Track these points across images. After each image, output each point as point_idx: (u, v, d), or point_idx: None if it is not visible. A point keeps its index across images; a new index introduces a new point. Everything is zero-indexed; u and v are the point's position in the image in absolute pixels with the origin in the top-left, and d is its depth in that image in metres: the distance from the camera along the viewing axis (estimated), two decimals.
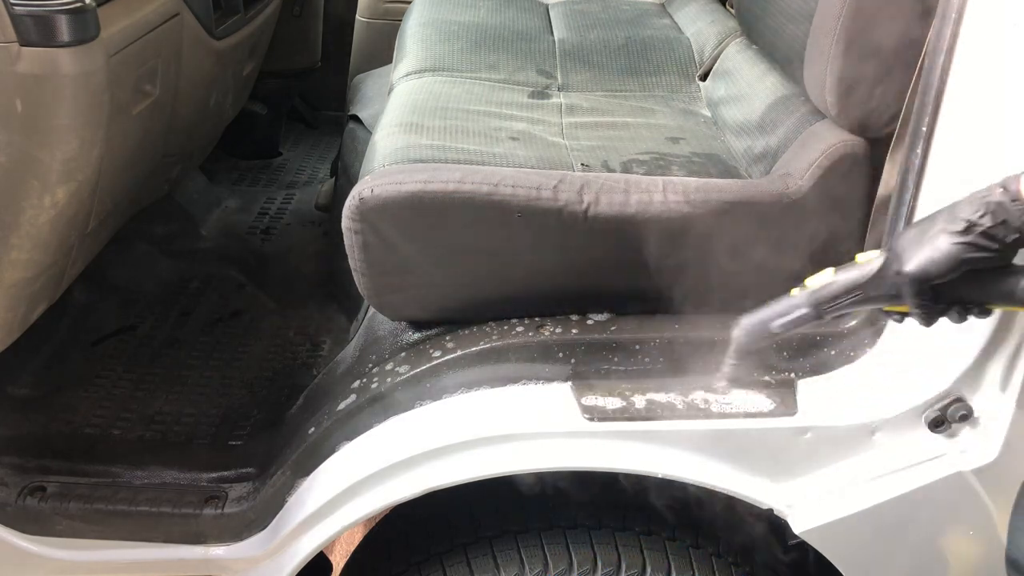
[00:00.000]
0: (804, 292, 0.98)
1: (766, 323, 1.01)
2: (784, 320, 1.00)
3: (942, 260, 0.84)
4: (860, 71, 1.14)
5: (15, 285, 1.26)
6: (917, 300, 0.88)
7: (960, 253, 0.83)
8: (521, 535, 1.22)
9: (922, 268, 0.85)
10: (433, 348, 1.21)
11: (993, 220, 0.81)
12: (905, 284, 0.87)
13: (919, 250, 0.86)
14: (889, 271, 0.90)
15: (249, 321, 1.83)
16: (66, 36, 1.08)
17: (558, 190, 1.14)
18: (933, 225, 0.86)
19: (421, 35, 1.84)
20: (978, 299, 0.88)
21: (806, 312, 0.98)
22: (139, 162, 1.50)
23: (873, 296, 0.93)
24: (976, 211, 0.82)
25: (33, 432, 1.49)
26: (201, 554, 1.32)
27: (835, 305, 0.96)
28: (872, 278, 0.92)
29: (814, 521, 1.13)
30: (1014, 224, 0.81)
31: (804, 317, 0.98)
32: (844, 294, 0.95)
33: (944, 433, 1.10)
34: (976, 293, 0.88)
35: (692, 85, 1.74)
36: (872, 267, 0.92)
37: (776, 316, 1.00)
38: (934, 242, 0.84)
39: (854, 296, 0.94)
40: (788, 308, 0.99)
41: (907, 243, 0.88)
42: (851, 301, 0.95)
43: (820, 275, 0.97)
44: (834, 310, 0.96)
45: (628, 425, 1.10)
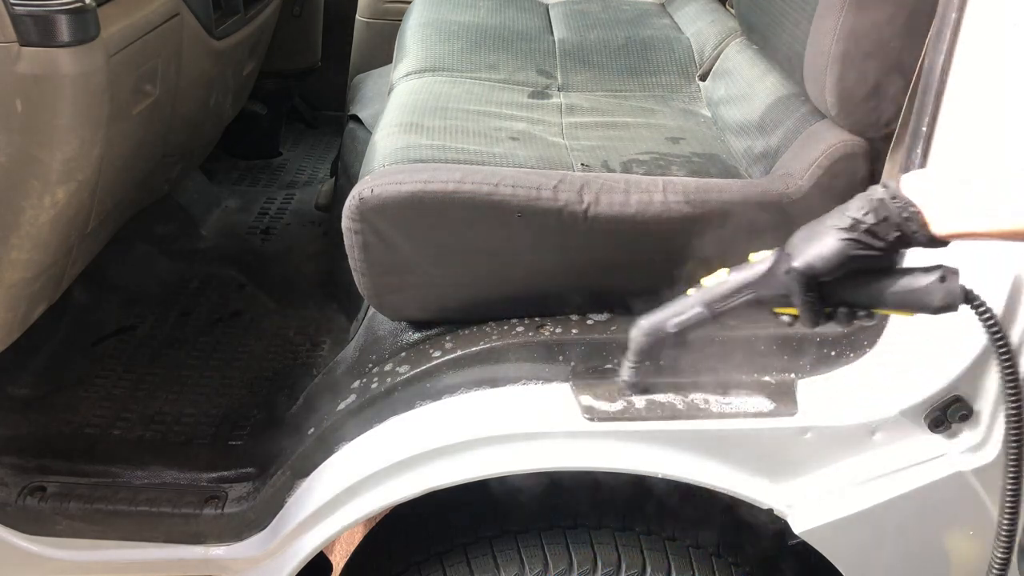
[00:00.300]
0: (699, 292, 0.99)
1: (663, 323, 1.01)
2: (679, 319, 1.00)
3: (829, 256, 0.86)
4: (860, 71, 1.14)
5: (15, 285, 1.26)
6: (803, 297, 0.89)
7: (846, 250, 0.85)
8: (521, 535, 1.22)
9: (809, 264, 0.87)
10: (433, 348, 1.21)
11: (876, 217, 0.83)
12: (793, 281, 0.88)
13: (808, 247, 0.87)
14: (779, 270, 0.91)
15: (249, 321, 1.83)
16: (66, 36, 1.08)
17: (558, 190, 1.14)
18: (823, 223, 0.88)
19: (421, 35, 1.84)
20: (863, 301, 0.90)
21: (700, 311, 0.98)
22: (139, 162, 1.50)
23: (764, 296, 0.94)
24: (861, 208, 0.84)
25: (33, 432, 1.49)
26: (201, 554, 1.32)
27: (727, 304, 0.96)
28: (763, 276, 0.93)
29: (814, 521, 1.13)
30: (894, 221, 0.83)
31: (698, 316, 0.98)
32: (735, 293, 0.95)
33: (944, 433, 1.10)
34: (861, 295, 0.89)
35: (692, 85, 1.74)
36: (763, 266, 0.93)
37: (672, 316, 1.01)
38: (822, 238, 0.86)
39: (746, 295, 0.95)
40: (683, 308, 1.00)
41: (798, 241, 0.90)
42: (743, 300, 0.95)
43: (715, 274, 0.98)
44: (727, 309, 0.96)
45: (628, 425, 1.10)
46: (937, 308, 0.87)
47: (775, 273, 0.91)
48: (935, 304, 0.87)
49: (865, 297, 0.89)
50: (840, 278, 0.87)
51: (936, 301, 0.86)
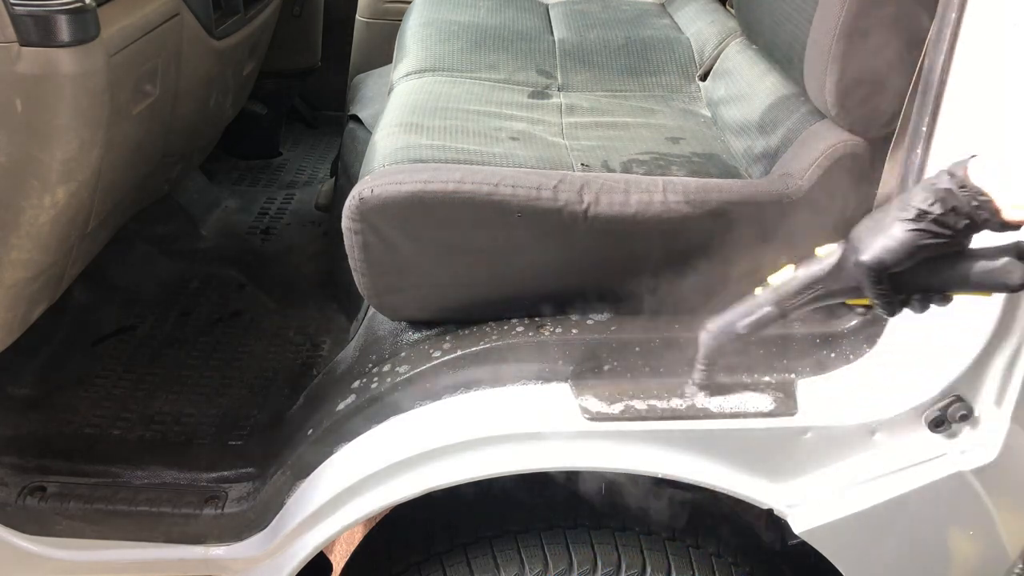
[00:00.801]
0: (767, 290, 0.98)
1: (732, 324, 1.01)
2: (749, 320, 1.00)
3: (897, 248, 0.85)
4: (860, 71, 1.14)
5: (15, 285, 1.26)
6: (876, 289, 0.88)
7: (914, 240, 0.84)
8: (521, 535, 1.22)
9: (878, 257, 0.86)
10: (433, 348, 1.21)
11: (943, 207, 0.82)
12: (863, 274, 0.88)
13: (875, 239, 0.87)
14: (848, 263, 0.90)
15: (249, 321, 1.83)
16: (66, 36, 1.08)
17: (558, 190, 1.14)
18: (888, 215, 0.87)
19: (421, 35, 1.84)
20: (937, 286, 0.89)
21: (770, 311, 0.98)
22: (139, 162, 1.50)
23: (834, 289, 0.93)
24: (926, 199, 0.83)
25: (33, 432, 1.49)
26: (201, 554, 1.32)
27: (798, 301, 0.96)
28: (831, 271, 0.92)
29: (814, 521, 1.13)
30: (963, 210, 0.82)
31: (769, 316, 0.98)
32: (805, 289, 0.95)
33: (944, 433, 1.10)
34: (934, 280, 0.88)
35: (692, 85, 1.74)
36: (831, 260, 0.92)
37: (741, 316, 1.00)
38: (889, 231, 0.86)
39: (816, 290, 0.94)
40: (752, 308, 0.99)
41: (863, 233, 0.89)
42: (813, 296, 0.95)
43: (782, 272, 0.97)
44: (797, 306, 0.96)
45: (628, 425, 1.10)
46: (1017, 286, 0.86)
47: (844, 267, 0.91)
48: (1016, 281, 0.86)
49: (939, 282, 0.88)
50: (911, 266, 0.86)
51: (1016, 279, 0.85)
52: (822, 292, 0.94)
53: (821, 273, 0.93)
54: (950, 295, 0.90)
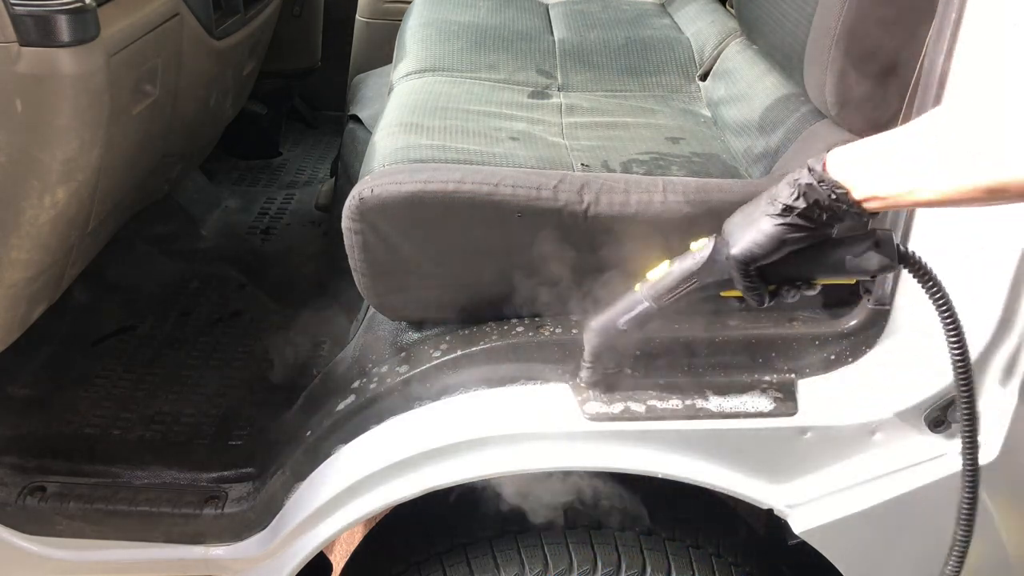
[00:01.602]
0: (644, 286, 1.00)
1: (613, 321, 1.03)
2: (629, 316, 1.01)
3: (765, 242, 0.88)
4: (860, 71, 1.14)
5: (15, 285, 1.26)
6: (745, 282, 0.91)
7: (781, 234, 0.87)
8: (521, 535, 1.22)
9: (747, 250, 0.89)
10: (433, 348, 1.20)
11: (806, 201, 0.85)
12: (732, 267, 0.90)
13: (744, 233, 0.89)
14: (720, 256, 0.93)
15: (249, 321, 1.83)
16: (66, 36, 1.08)
17: (558, 190, 1.14)
18: (756, 209, 0.89)
19: (421, 35, 1.84)
20: (803, 276, 0.91)
21: (648, 306, 0.99)
22: (139, 162, 1.50)
23: (708, 283, 0.95)
24: (791, 194, 0.86)
25: (33, 432, 1.49)
26: (201, 554, 1.32)
27: (673, 295, 0.97)
28: (704, 264, 0.94)
29: (814, 521, 1.13)
30: (824, 203, 0.84)
31: (647, 311, 1.00)
32: (681, 283, 0.96)
33: (944, 433, 1.10)
34: (801, 270, 0.91)
35: (692, 85, 1.74)
36: (704, 254, 0.94)
37: (622, 313, 1.02)
38: (757, 225, 0.88)
39: (691, 284, 0.96)
40: (632, 304, 1.01)
41: (733, 227, 0.91)
42: (687, 289, 0.96)
43: (658, 267, 0.99)
44: (672, 300, 0.98)
45: (628, 425, 1.10)
46: (875, 271, 0.89)
47: (715, 260, 0.93)
48: (873, 268, 0.89)
49: (805, 271, 0.91)
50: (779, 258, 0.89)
51: (873, 265, 0.89)
52: (696, 285, 0.96)
53: (695, 267, 0.95)
54: (816, 283, 0.93)
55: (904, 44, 1.11)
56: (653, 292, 0.99)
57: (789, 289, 0.92)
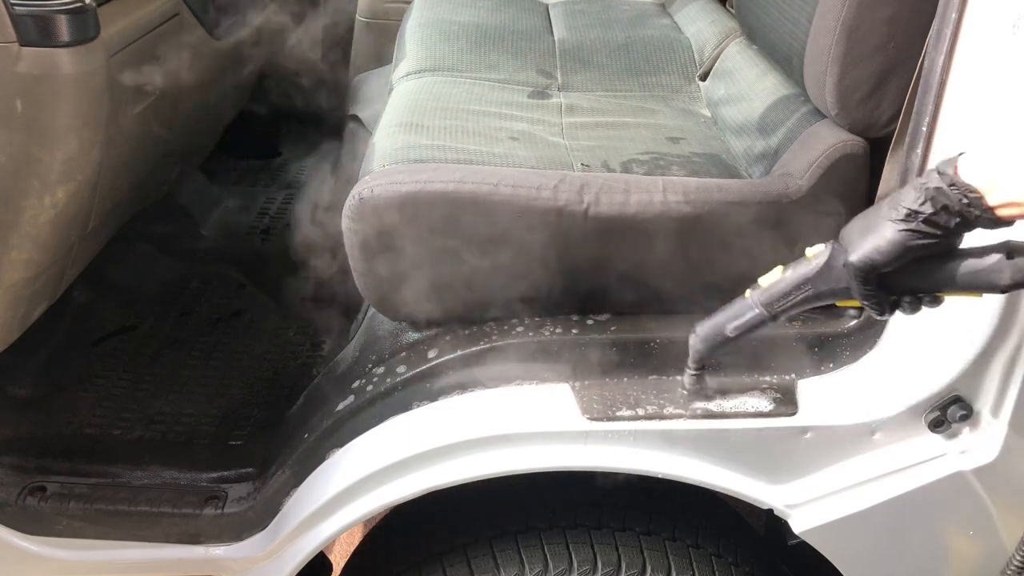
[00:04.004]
0: (756, 292, 0.97)
1: (721, 328, 1.00)
2: (738, 323, 0.98)
3: (887, 248, 0.84)
4: (860, 71, 1.14)
5: (15, 285, 1.26)
6: (864, 290, 0.87)
7: (905, 240, 0.83)
8: (521, 535, 1.22)
9: (867, 257, 0.85)
10: (433, 348, 1.21)
11: (934, 206, 0.81)
12: (852, 275, 0.87)
13: (864, 240, 0.85)
14: (837, 263, 0.89)
15: (249, 321, 1.83)
16: (66, 36, 1.08)
17: (558, 190, 1.14)
18: (878, 214, 0.85)
19: (421, 35, 1.84)
20: (927, 287, 0.87)
21: (758, 313, 0.97)
22: (139, 162, 1.51)
23: (824, 291, 0.92)
24: (917, 198, 0.82)
25: (33, 432, 1.49)
26: (201, 554, 1.32)
27: (787, 303, 0.94)
28: (820, 271, 0.91)
29: (814, 521, 1.13)
30: (954, 208, 0.80)
31: (757, 318, 0.97)
32: (794, 290, 0.93)
33: (944, 433, 1.10)
34: (924, 281, 0.87)
35: (692, 85, 1.74)
36: (820, 261, 0.91)
37: (731, 319, 0.99)
38: (879, 231, 0.84)
39: (805, 291, 0.93)
40: (742, 310, 0.98)
41: (853, 234, 0.87)
42: (802, 297, 0.93)
43: (771, 273, 0.96)
44: (786, 308, 0.95)
45: (628, 425, 1.10)
46: (1007, 286, 0.85)
47: (832, 267, 0.90)
48: (1004, 283, 0.84)
49: (929, 282, 0.87)
50: (902, 266, 0.85)
51: (1005, 279, 0.84)
52: (811, 293, 0.93)
53: (810, 274, 0.92)
54: (941, 296, 0.89)
55: (904, 44, 1.11)
56: (765, 298, 0.95)
57: (911, 301, 0.88)
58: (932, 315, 0.91)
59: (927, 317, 0.93)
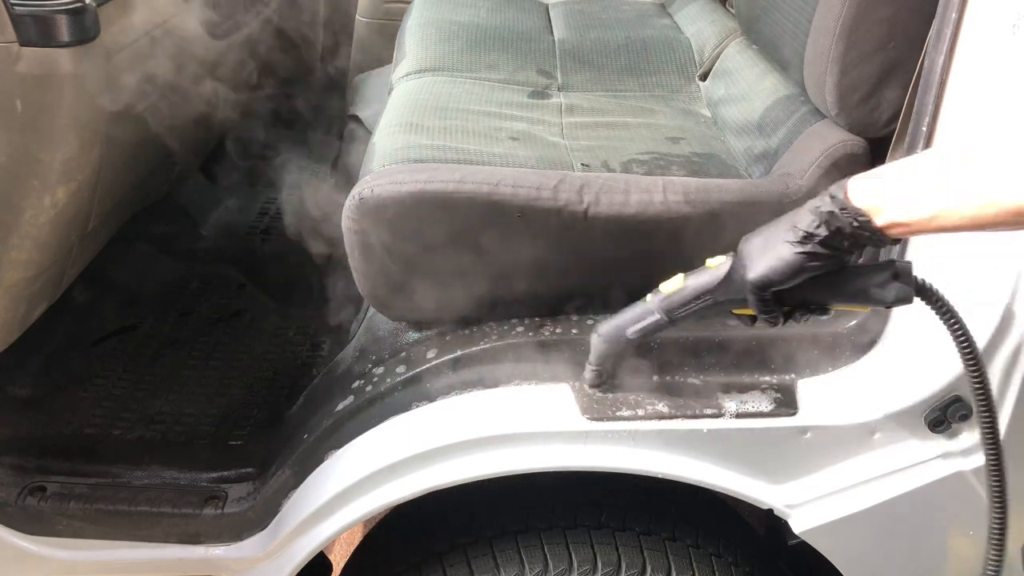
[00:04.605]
0: (656, 297, 1.00)
1: (622, 329, 1.03)
2: (639, 326, 1.01)
3: (783, 268, 0.87)
4: (860, 71, 1.14)
5: (15, 285, 1.26)
6: (760, 305, 0.91)
7: (800, 263, 0.86)
8: (521, 535, 1.22)
9: (764, 275, 0.88)
10: (433, 348, 1.21)
11: (828, 229, 0.84)
12: (748, 290, 0.90)
13: (762, 258, 0.89)
14: (736, 275, 0.92)
15: (249, 321, 1.83)
16: (66, 36, 1.08)
17: (558, 190, 1.14)
18: (776, 233, 0.89)
19: (421, 35, 1.84)
20: (819, 300, 0.91)
21: (658, 318, 0.99)
22: (139, 162, 1.51)
23: (721, 300, 0.95)
24: (812, 222, 0.85)
25: (33, 432, 1.48)
26: (201, 554, 1.32)
27: (686, 310, 0.97)
28: (720, 283, 0.94)
29: (814, 521, 1.13)
30: (846, 231, 0.83)
31: (657, 323, 1.00)
32: (694, 299, 0.97)
33: (944, 433, 1.10)
34: (817, 295, 0.91)
35: (692, 85, 1.74)
36: (720, 272, 0.94)
37: (631, 323, 1.02)
38: (776, 251, 0.87)
39: (703, 300, 0.96)
40: (642, 314, 1.01)
41: (752, 249, 0.91)
42: (701, 305, 0.97)
43: (672, 280, 0.99)
44: (685, 314, 0.98)
45: (628, 425, 1.10)
46: (892, 302, 0.89)
47: (732, 279, 0.93)
48: (889, 299, 0.89)
49: (821, 296, 0.91)
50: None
51: (890, 296, 0.88)
52: (710, 302, 0.96)
53: (710, 284, 0.95)
54: (830, 307, 0.93)
55: (904, 44, 1.11)
56: (666, 305, 0.98)
57: (803, 313, 0.92)
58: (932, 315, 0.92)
59: (927, 317, 0.93)
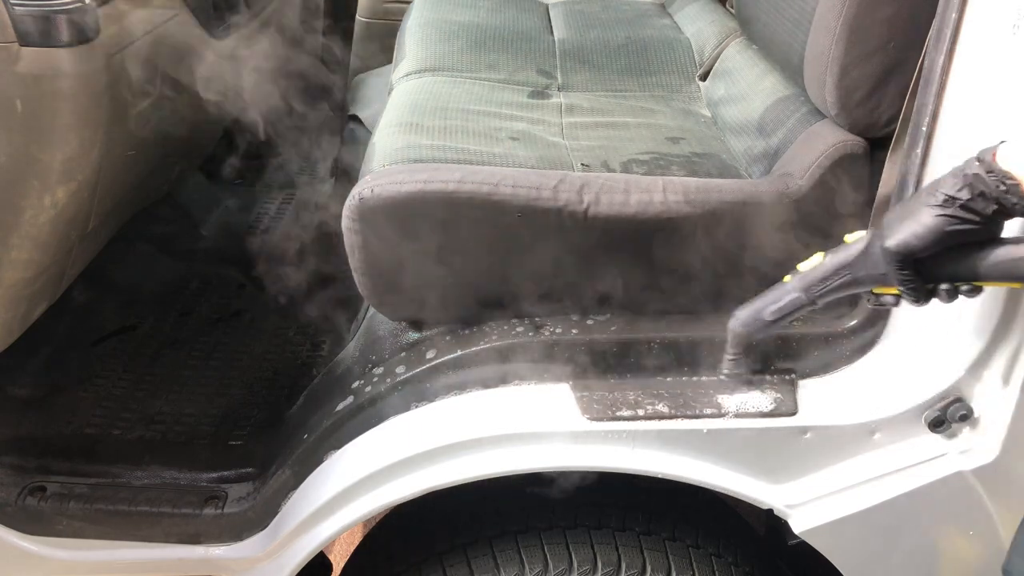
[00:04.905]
0: (795, 277, 0.98)
1: (760, 312, 1.02)
2: (777, 306, 1.00)
3: (924, 233, 0.84)
4: (860, 71, 1.14)
5: (15, 285, 1.25)
6: (901, 276, 0.87)
7: (942, 226, 0.83)
8: (521, 535, 1.22)
9: (904, 242, 0.85)
10: (433, 348, 1.21)
11: (971, 192, 0.81)
12: (889, 260, 0.87)
13: (902, 225, 0.86)
14: (875, 249, 0.90)
15: (249, 321, 1.83)
16: (66, 36, 1.08)
17: (558, 190, 1.14)
18: (917, 201, 0.86)
19: (421, 35, 1.84)
20: (965, 275, 0.87)
21: (797, 296, 0.98)
22: (139, 162, 1.50)
23: (861, 276, 0.93)
24: (954, 184, 0.82)
25: (33, 432, 1.48)
26: (201, 554, 1.32)
27: (825, 287, 0.95)
28: (859, 257, 0.92)
29: (814, 521, 1.13)
30: (992, 195, 0.81)
31: (796, 302, 0.98)
32: (833, 275, 0.94)
33: (944, 433, 1.10)
34: (962, 269, 0.87)
35: (692, 85, 1.74)
36: (859, 246, 0.92)
37: (769, 304, 1.01)
38: (916, 216, 0.85)
39: (842, 277, 0.94)
40: (780, 295, 1.00)
41: (892, 220, 0.88)
42: (840, 282, 0.94)
43: (811, 259, 0.97)
44: (824, 293, 0.96)
45: (628, 425, 1.10)
46: None
47: (871, 253, 0.90)
48: None
49: (967, 271, 0.87)
50: (939, 253, 0.85)
51: None
52: (849, 279, 0.93)
53: (848, 259, 0.93)
54: (980, 285, 0.88)
55: (904, 44, 1.11)
56: (804, 283, 0.97)
57: (949, 289, 0.88)
58: (933, 315, 0.91)
59: (928, 317, 0.93)
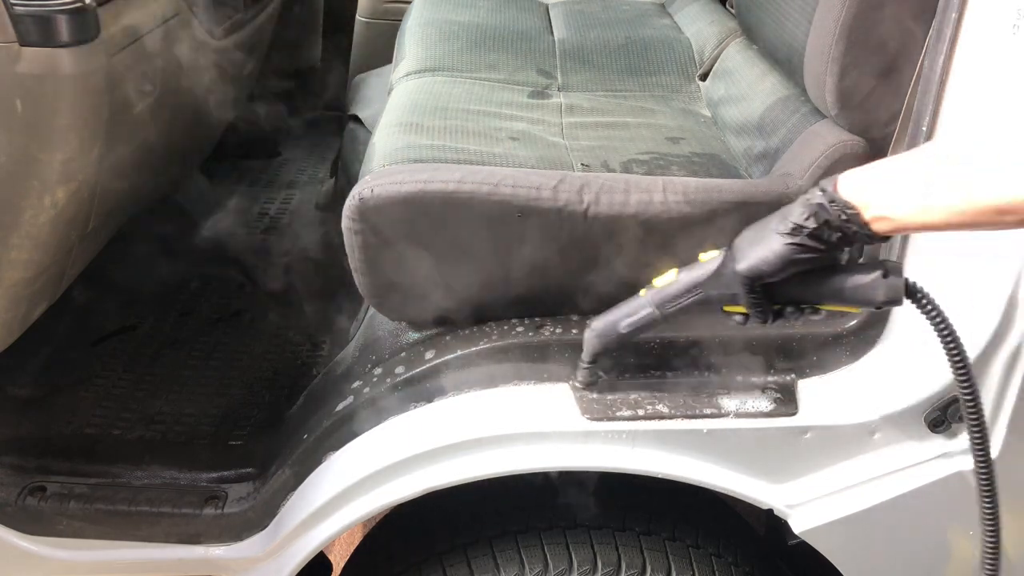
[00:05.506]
0: (650, 292, 1.00)
1: (615, 324, 1.03)
2: (631, 320, 1.01)
3: (774, 260, 0.87)
4: (860, 71, 1.15)
5: (15, 285, 1.25)
6: (750, 298, 0.91)
7: (790, 254, 0.86)
8: (521, 535, 1.23)
9: (754, 267, 0.88)
10: (433, 348, 1.21)
11: (816, 221, 0.84)
12: (738, 282, 0.90)
13: (752, 250, 0.89)
14: (727, 270, 0.92)
15: (249, 321, 1.83)
16: (66, 36, 1.08)
17: (558, 190, 1.14)
18: (767, 226, 0.89)
19: (421, 35, 1.84)
20: (809, 298, 0.91)
21: (651, 312, 0.99)
22: (139, 162, 1.50)
23: (713, 295, 0.95)
24: (802, 213, 0.85)
25: (33, 432, 1.48)
26: (201, 554, 1.32)
27: (677, 304, 0.97)
28: (711, 276, 0.94)
29: (814, 521, 1.13)
30: (835, 224, 0.84)
31: (650, 317, 1.00)
32: (686, 293, 0.97)
33: (944, 433, 1.10)
34: (807, 293, 0.91)
35: (692, 85, 1.74)
36: (711, 266, 0.94)
37: (624, 317, 1.02)
38: (766, 242, 0.88)
39: (695, 295, 0.96)
40: (635, 309, 1.01)
41: (744, 243, 0.91)
42: (692, 300, 0.96)
43: (665, 275, 0.99)
44: (676, 309, 0.98)
45: (628, 425, 1.10)
46: (881, 303, 0.89)
47: (722, 273, 0.93)
48: (879, 299, 0.89)
49: (811, 294, 0.91)
50: (786, 278, 0.89)
51: (880, 296, 0.88)
52: (701, 297, 0.96)
53: (701, 279, 0.95)
54: (820, 307, 0.93)
55: (904, 44, 1.11)
56: (658, 299, 0.99)
57: (793, 311, 0.92)
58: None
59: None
